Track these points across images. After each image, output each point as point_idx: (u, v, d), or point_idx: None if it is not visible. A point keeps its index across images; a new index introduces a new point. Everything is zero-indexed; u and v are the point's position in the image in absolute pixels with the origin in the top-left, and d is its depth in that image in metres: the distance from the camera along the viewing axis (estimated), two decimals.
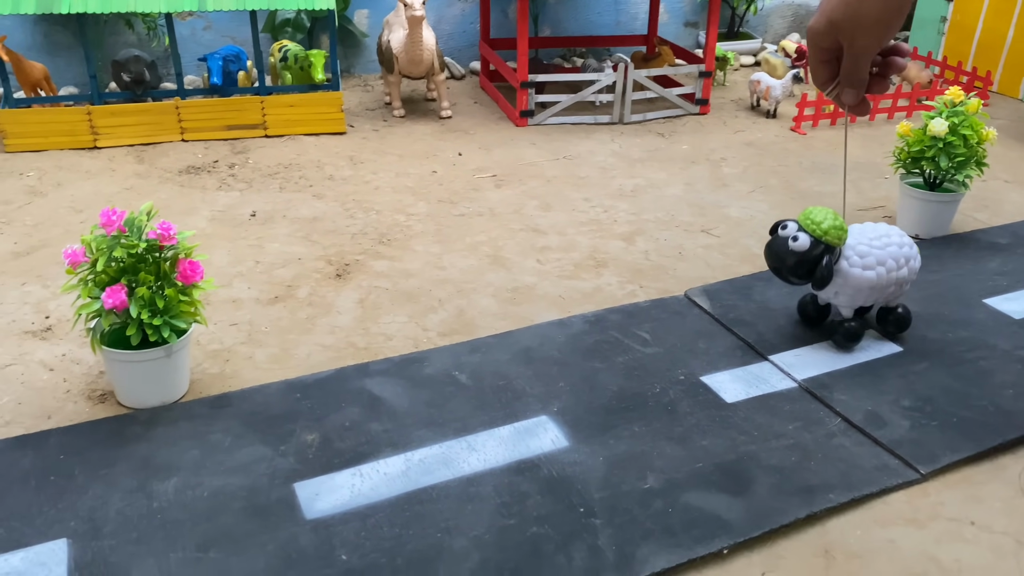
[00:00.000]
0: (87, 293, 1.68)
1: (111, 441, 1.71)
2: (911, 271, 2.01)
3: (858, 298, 1.98)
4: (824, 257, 1.89)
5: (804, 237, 1.88)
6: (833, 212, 1.90)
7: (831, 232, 1.88)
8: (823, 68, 0.98)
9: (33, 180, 2.99)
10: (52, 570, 1.41)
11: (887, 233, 2.00)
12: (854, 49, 0.93)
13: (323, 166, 3.20)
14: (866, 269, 1.93)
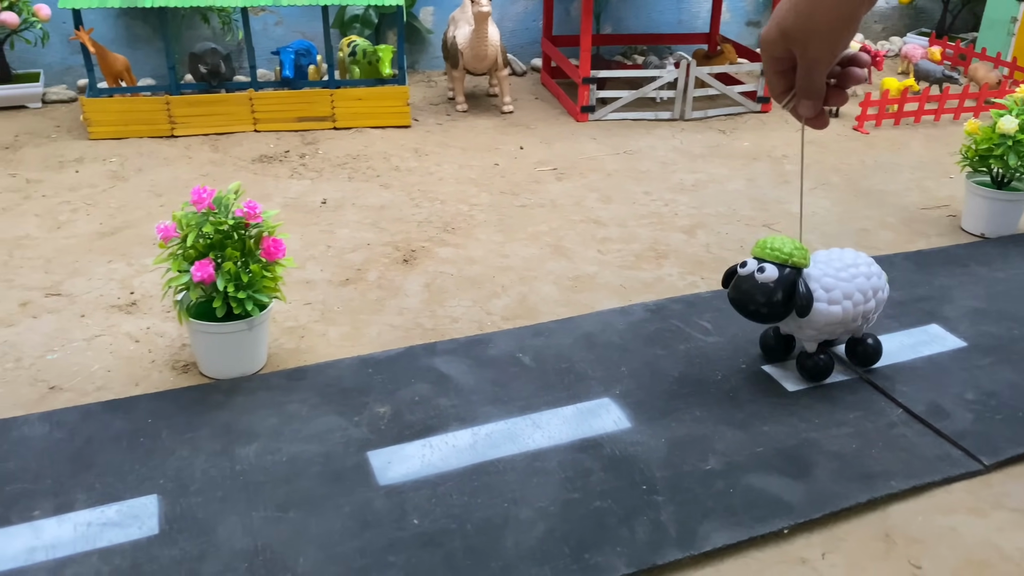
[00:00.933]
0: (177, 267, 1.78)
1: (195, 408, 1.80)
2: (879, 303, 1.87)
3: (824, 332, 1.84)
4: (797, 281, 1.76)
5: (770, 267, 1.74)
6: (786, 238, 1.79)
7: (795, 254, 1.76)
8: (778, 79, 0.95)
9: (115, 166, 3.14)
10: (145, 522, 1.50)
11: (854, 263, 1.84)
12: (806, 59, 0.90)
13: (389, 157, 3.29)
14: (832, 304, 1.79)
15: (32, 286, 2.30)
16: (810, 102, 0.93)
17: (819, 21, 0.86)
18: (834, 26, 0.86)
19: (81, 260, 2.44)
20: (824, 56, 0.89)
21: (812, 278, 1.79)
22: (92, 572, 1.40)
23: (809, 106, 0.93)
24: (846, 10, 0.85)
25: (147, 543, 1.46)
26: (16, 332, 2.09)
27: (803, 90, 0.92)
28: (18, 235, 2.59)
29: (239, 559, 1.43)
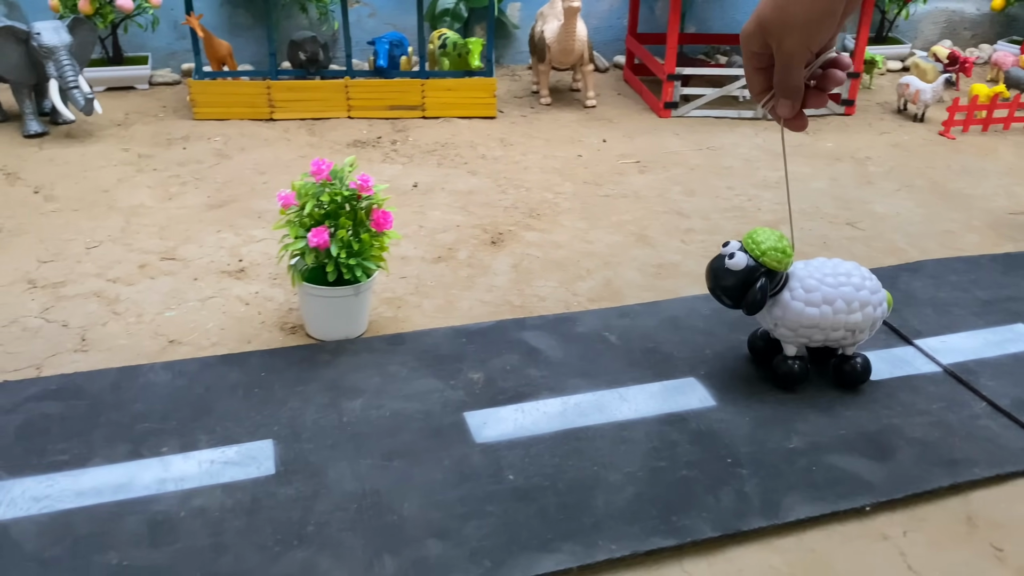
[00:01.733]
0: (294, 233, 1.91)
1: (304, 365, 1.93)
2: (867, 318, 1.79)
3: (800, 335, 1.81)
4: (759, 280, 1.72)
5: (741, 256, 1.73)
6: (779, 235, 1.75)
7: (768, 254, 1.72)
8: (757, 76, 0.92)
9: (220, 144, 3.32)
10: (262, 463, 1.63)
11: (848, 272, 1.80)
12: (782, 53, 0.86)
13: (476, 146, 3.40)
14: (809, 305, 1.76)
15: (149, 250, 2.47)
16: (788, 102, 0.89)
17: (794, 14, 0.83)
18: (810, 19, 0.83)
19: (192, 229, 2.61)
20: (799, 51, 0.85)
21: (796, 277, 1.78)
22: (217, 504, 1.53)
23: (787, 106, 0.89)
24: (823, 3, 0.82)
25: (265, 481, 1.58)
26: (137, 291, 2.25)
27: (780, 88, 0.88)
28: (134, 204, 2.77)
29: (349, 500, 1.54)
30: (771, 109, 0.91)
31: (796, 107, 0.89)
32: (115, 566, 1.39)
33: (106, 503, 1.52)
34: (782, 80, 0.88)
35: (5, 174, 2.97)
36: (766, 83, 0.91)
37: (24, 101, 3.30)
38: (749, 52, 0.90)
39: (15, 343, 2.01)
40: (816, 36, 0.85)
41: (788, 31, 0.84)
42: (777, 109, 0.90)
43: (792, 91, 0.88)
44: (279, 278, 2.34)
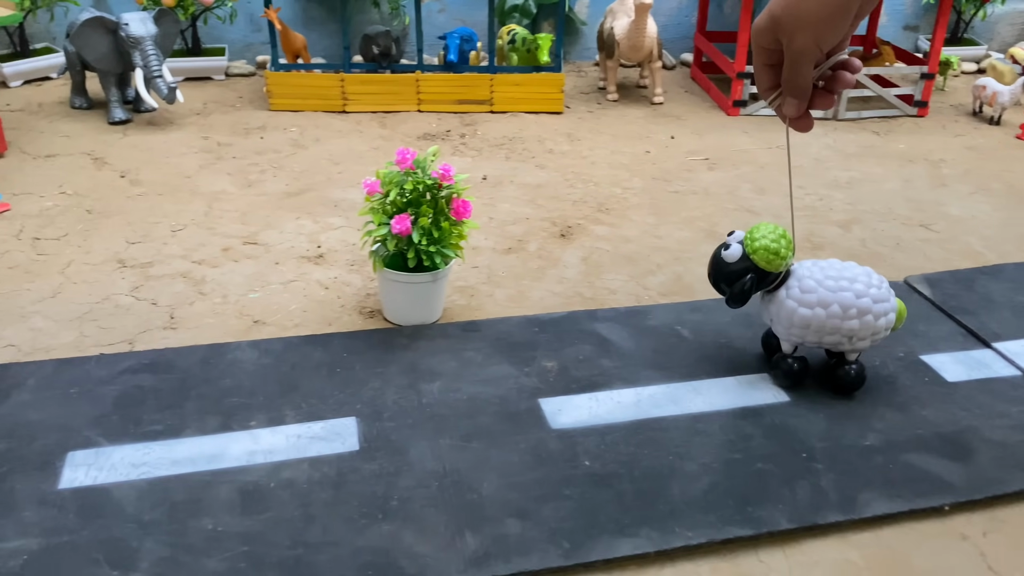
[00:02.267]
0: (378, 219, 1.96)
1: (383, 347, 1.99)
2: (866, 327, 1.74)
3: (791, 334, 1.79)
4: (748, 276, 1.74)
5: (736, 249, 1.75)
6: (781, 233, 1.73)
7: (758, 252, 1.72)
8: (766, 72, 0.90)
9: (295, 135, 3.40)
10: (346, 440, 1.69)
11: (852, 278, 1.74)
12: (792, 49, 0.84)
13: (543, 141, 3.43)
14: (802, 305, 1.74)
15: (231, 234, 2.55)
16: (795, 101, 0.87)
17: (807, 11, 0.82)
18: (822, 17, 0.82)
19: (272, 215, 2.69)
20: (810, 48, 0.83)
21: (796, 276, 1.77)
22: (304, 476, 1.59)
23: (793, 105, 0.88)
24: (837, 1, 0.81)
25: (349, 457, 1.64)
26: (221, 273, 2.34)
27: (787, 86, 0.87)
28: (215, 190, 2.87)
29: (430, 478, 1.59)
30: (777, 108, 0.90)
31: (803, 107, 0.88)
32: (210, 531, 1.46)
33: (200, 472, 1.59)
34: (790, 78, 0.86)
35: (93, 159, 3.09)
36: (775, 80, 0.89)
37: (110, 89, 3.43)
38: (759, 47, 0.88)
39: (108, 319, 2.10)
40: (827, 34, 0.83)
41: (800, 28, 0.83)
42: (783, 108, 0.89)
43: (800, 90, 0.87)
44: (356, 264, 2.40)
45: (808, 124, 0.91)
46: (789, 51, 0.85)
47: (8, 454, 1.61)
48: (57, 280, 2.27)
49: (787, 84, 0.87)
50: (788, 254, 1.74)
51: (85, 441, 1.65)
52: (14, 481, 1.55)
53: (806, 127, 0.92)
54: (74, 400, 1.76)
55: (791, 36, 0.84)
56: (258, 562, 1.40)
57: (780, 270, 1.75)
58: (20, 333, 2.03)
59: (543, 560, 1.43)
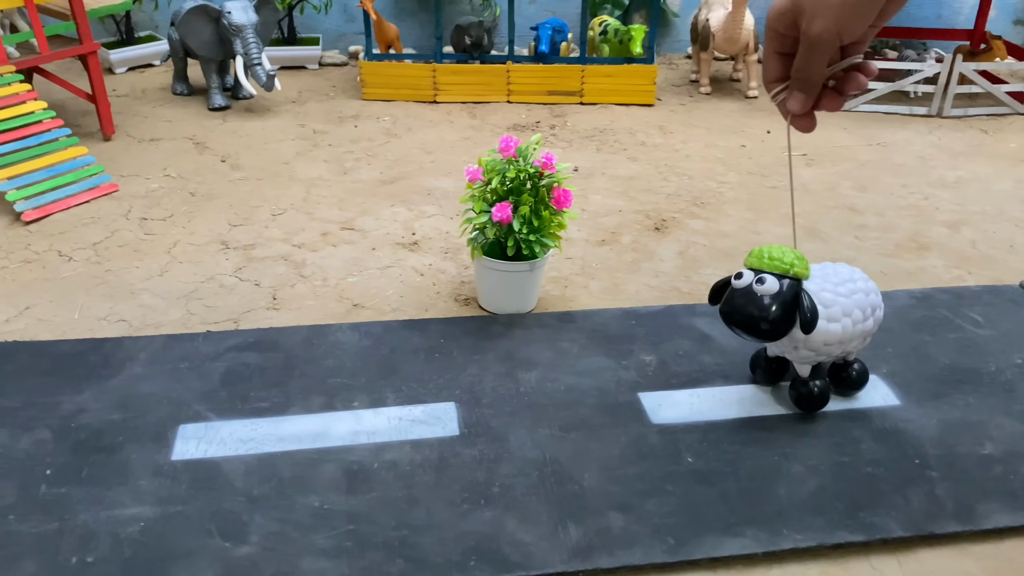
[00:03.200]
0: (479, 207, 1.96)
1: (479, 335, 1.99)
2: (876, 322, 1.69)
3: (821, 353, 1.66)
4: (801, 295, 1.55)
5: (770, 279, 1.54)
6: (785, 246, 1.60)
7: (797, 264, 1.57)
8: (775, 61, 0.84)
9: (388, 124, 3.44)
10: (446, 424, 1.69)
11: (851, 278, 1.67)
12: (810, 35, 0.78)
13: (635, 133, 3.39)
14: (831, 321, 1.61)
15: (329, 220, 2.60)
16: (802, 95, 0.82)
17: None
18: (848, 1, 0.75)
19: (368, 202, 2.72)
20: (829, 35, 0.77)
21: (810, 293, 1.60)
22: (406, 458, 1.60)
23: (800, 100, 0.82)
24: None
25: (450, 441, 1.64)
26: (320, 256, 2.38)
27: (798, 76, 0.81)
28: (312, 176, 2.92)
29: (530, 466, 1.58)
30: (781, 102, 0.84)
31: (808, 103, 0.82)
32: (316, 508, 1.48)
33: (305, 449, 1.62)
34: (802, 67, 0.80)
35: (194, 143, 3.18)
36: (783, 72, 0.83)
37: (211, 76, 3.53)
38: (773, 32, 0.82)
39: (213, 298, 2.16)
40: (851, 22, 0.76)
41: (822, 11, 0.76)
42: (788, 102, 0.83)
43: (810, 84, 0.81)
44: (450, 252, 2.41)
45: (811, 124, 0.85)
46: (806, 37, 0.78)
47: (123, 424, 1.67)
48: (164, 259, 2.34)
49: (797, 75, 0.81)
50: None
51: (195, 415, 1.70)
52: (130, 451, 1.60)
53: (808, 127, 0.85)
54: (184, 375, 1.82)
55: (811, 20, 0.77)
56: (363, 541, 1.42)
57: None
58: (131, 309, 2.11)
59: (647, 555, 1.41)
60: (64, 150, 2.75)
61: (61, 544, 1.39)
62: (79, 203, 2.65)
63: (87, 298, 2.15)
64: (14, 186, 2.57)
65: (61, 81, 3.08)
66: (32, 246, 2.40)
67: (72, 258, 2.34)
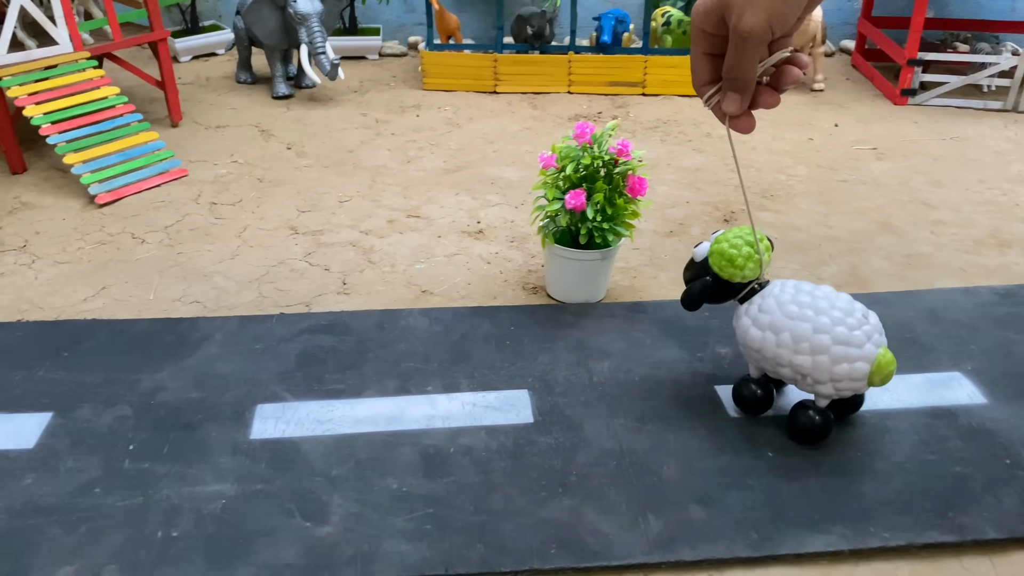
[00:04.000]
0: (552, 194, 1.95)
1: (549, 323, 1.97)
2: (818, 367, 1.49)
3: (747, 354, 1.63)
4: (704, 279, 1.61)
5: (703, 248, 1.62)
6: (749, 242, 1.56)
7: (713, 255, 1.58)
8: (704, 63, 0.79)
9: (450, 114, 3.44)
10: (520, 411, 1.68)
11: (819, 310, 1.51)
12: (740, 31, 0.73)
13: (699, 124, 3.34)
14: (754, 325, 1.57)
15: (395, 207, 2.60)
16: (737, 96, 0.77)
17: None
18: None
19: (432, 190, 2.72)
20: (760, 30, 0.72)
21: (765, 293, 1.58)
22: (482, 444, 1.59)
23: (735, 100, 0.77)
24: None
25: (525, 428, 1.63)
26: (388, 243, 2.38)
27: (730, 78, 0.76)
28: (377, 164, 2.93)
29: (607, 456, 1.57)
30: (715, 105, 0.80)
31: (745, 103, 0.78)
32: (395, 491, 1.48)
33: (381, 432, 1.62)
34: (733, 67, 0.75)
35: (260, 131, 3.22)
36: (714, 73, 0.79)
37: (275, 64, 3.56)
38: (701, 32, 0.78)
39: (284, 281, 2.18)
40: (783, 13, 0.72)
41: (751, 4, 0.72)
42: (723, 104, 0.79)
43: (743, 83, 0.76)
44: (516, 241, 2.40)
45: (750, 124, 0.81)
46: (736, 33, 0.73)
47: (202, 403, 1.69)
48: (235, 243, 2.37)
49: (729, 74, 0.76)
50: (747, 265, 1.56)
51: (272, 395, 1.71)
52: (209, 429, 1.62)
53: (748, 127, 0.81)
54: (259, 355, 1.83)
55: (740, 15, 0.72)
56: (443, 525, 1.41)
57: (734, 280, 1.59)
58: (204, 291, 2.13)
59: (730, 549, 1.38)
60: (136, 135, 2.79)
61: (147, 518, 1.41)
62: (150, 187, 2.69)
63: (161, 279, 2.18)
64: (88, 169, 2.62)
65: (132, 67, 3.13)
66: (106, 228, 2.45)
67: (145, 240, 2.38)
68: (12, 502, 1.43)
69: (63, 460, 1.53)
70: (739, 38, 0.73)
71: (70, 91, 2.77)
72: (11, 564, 1.33)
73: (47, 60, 2.79)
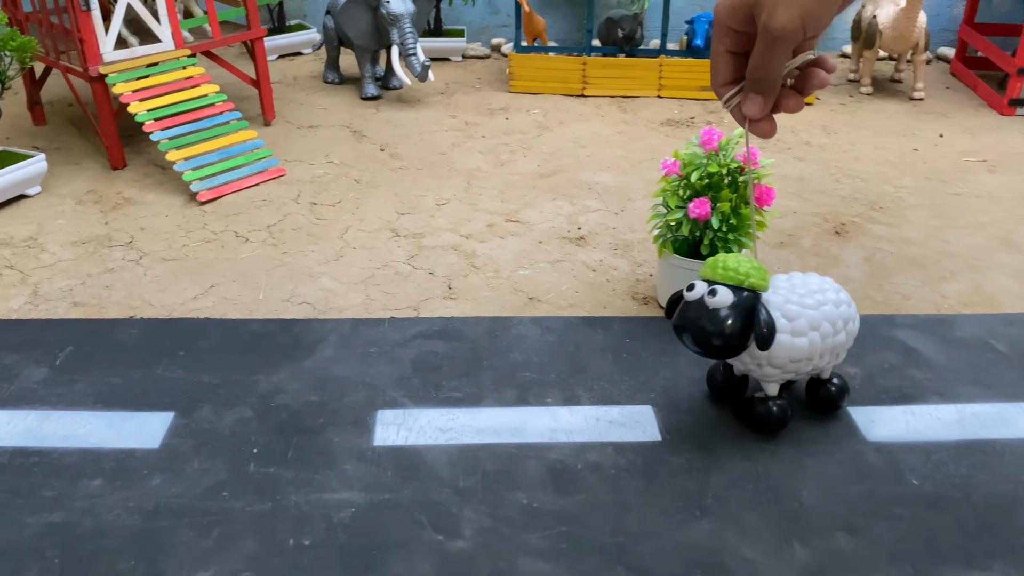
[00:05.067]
0: (674, 202, 1.89)
1: (666, 336, 1.91)
2: (849, 335, 1.56)
3: (787, 371, 1.53)
4: (756, 306, 1.44)
5: (723, 290, 1.43)
6: (742, 256, 1.50)
7: (753, 274, 1.45)
8: (725, 61, 0.74)
9: (539, 117, 3.40)
10: (646, 428, 1.63)
11: (820, 288, 1.54)
12: (771, 29, 0.68)
13: (797, 132, 3.24)
14: (796, 335, 1.48)
15: (493, 211, 2.57)
16: (760, 98, 0.72)
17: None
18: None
19: (529, 195, 2.68)
20: (791, 29, 0.67)
21: (772, 305, 1.48)
22: (610, 461, 1.54)
23: (758, 103, 0.72)
24: None
25: (653, 446, 1.58)
26: (489, 248, 2.35)
27: (754, 78, 0.72)
28: (470, 167, 2.90)
29: (744, 478, 1.50)
30: (736, 106, 0.75)
31: (768, 106, 0.73)
32: (525, 506, 1.44)
33: (505, 443, 1.58)
34: (759, 67, 0.70)
35: (351, 131, 3.21)
36: (736, 73, 0.74)
37: (365, 65, 3.56)
38: (725, 28, 0.72)
39: (390, 284, 2.15)
40: (817, 12, 0.67)
41: (784, 1, 0.66)
42: (745, 106, 0.73)
43: (768, 84, 0.71)
44: (620, 248, 2.35)
45: (772, 128, 0.76)
46: (766, 31, 0.68)
47: (322, 407, 1.66)
48: (338, 244, 2.36)
49: (754, 74, 0.71)
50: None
51: (391, 401, 1.68)
52: (331, 434, 1.59)
53: (769, 132, 0.76)
54: (375, 360, 1.81)
55: (772, 12, 0.67)
56: (579, 544, 1.36)
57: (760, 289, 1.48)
58: (312, 292, 2.12)
59: None
60: (235, 133, 2.81)
61: (277, 525, 1.39)
62: (249, 185, 2.70)
63: (268, 279, 2.17)
64: (190, 167, 2.64)
65: (229, 66, 3.15)
66: (209, 226, 2.46)
67: (249, 239, 2.38)
68: (143, 502, 1.43)
69: (189, 461, 1.52)
70: (769, 36, 0.68)
71: (172, 88, 2.80)
72: (147, 566, 1.31)
73: (150, 57, 2.82)
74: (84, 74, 2.72)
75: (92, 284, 2.15)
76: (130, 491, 1.45)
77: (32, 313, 2.02)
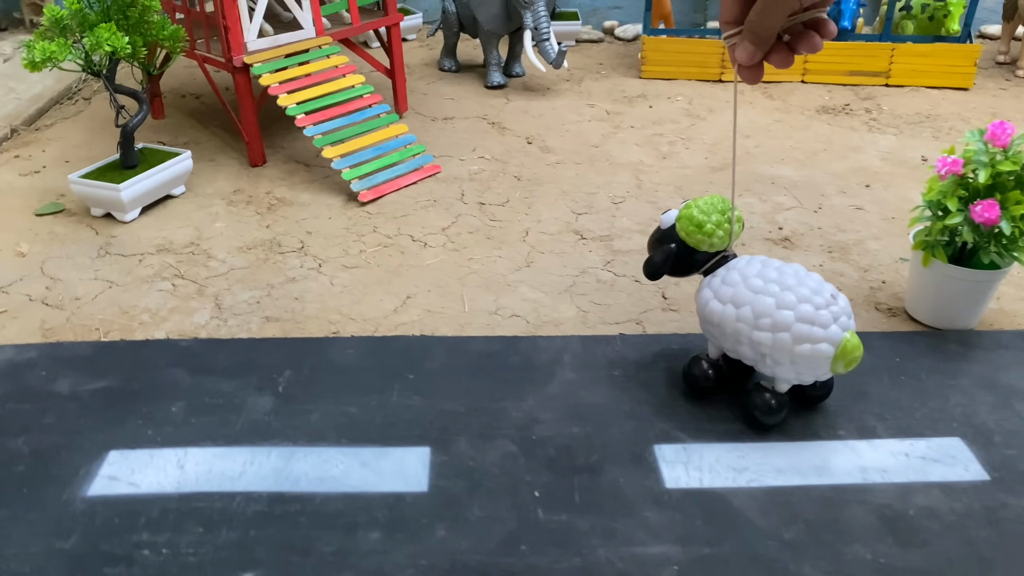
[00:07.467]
0: (955, 204, 1.68)
1: (936, 354, 1.72)
2: (778, 344, 1.40)
3: (706, 329, 1.54)
4: (669, 246, 1.54)
5: (671, 215, 1.56)
6: (720, 209, 1.50)
7: (681, 220, 1.52)
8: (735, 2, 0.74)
9: (684, 104, 3.19)
10: (967, 465, 1.43)
11: (786, 286, 1.43)
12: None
13: (967, 119, 3.02)
14: (716, 298, 1.48)
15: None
16: (751, 47, 0.73)
17: None
18: None
19: (708, 190, 2.48)
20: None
21: (731, 266, 1.51)
22: (944, 505, 1.35)
23: (748, 51, 0.73)
24: None
25: (985, 487, 1.38)
26: None
27: (751, 27, 0.72)
28: (632, 160, 2.70)
29: None
30: (731, 47, 0.76)
31: (757, 56, 0.74)
32: (870, 561, 1.25)
33: (815, 485, 1.39)
34: (758, 21, 0.71)
35: (489, 123, 3.02)
36: (740, 15, 0.74)
37: (492, 52, 3.36)
38: None
39: (597, 294, 1.97)
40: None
41: None
42: (735, 51, 0.75)
43: (762, 36, 0.72)
44: (835, 251, 2.14)
45: (758, 76, 0.76)
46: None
47: (589, 440, 1.48)
48: (523, 249, 2.17)
49: (751, 26, 0.72)
50: (715, 232, 1.49)
51: (663, 434, 1.50)
52: (612, 473, 1.41)
53: (755, 79, 0.77)
54: (623, 384, 1.62)
55: None
56: None
57: (701, 248, 1.52)
58: (515, 302, 1.94)
59: None
60: (387, 127, 2.62)
61: None
62: (407, 184, 2.51)
63: (464, 288, 1.99)
64: (347, 164, 2.46)
65: (365, 55, 2.96)
66: (380, 229, 2.28)
67: (427, 244, 2.20)
68: (436, 559, 1.25)
69: (467, 507, 1.34)
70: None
71: (318, 79, 2.61)
72: None
73: (292, 46, 2.63)
74: (226, 64, 2.54)
75: (278, 295, 1.97)
76: (415, 545, 1.28)
77: (223, 329, 1.85)
